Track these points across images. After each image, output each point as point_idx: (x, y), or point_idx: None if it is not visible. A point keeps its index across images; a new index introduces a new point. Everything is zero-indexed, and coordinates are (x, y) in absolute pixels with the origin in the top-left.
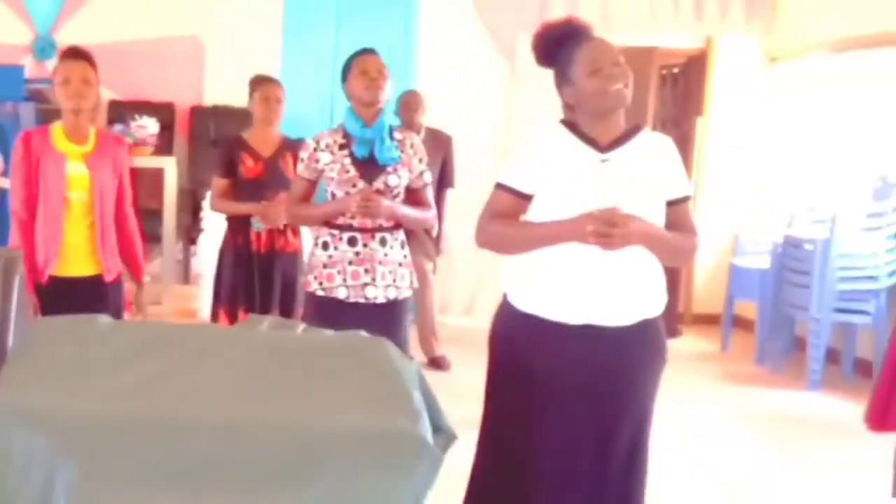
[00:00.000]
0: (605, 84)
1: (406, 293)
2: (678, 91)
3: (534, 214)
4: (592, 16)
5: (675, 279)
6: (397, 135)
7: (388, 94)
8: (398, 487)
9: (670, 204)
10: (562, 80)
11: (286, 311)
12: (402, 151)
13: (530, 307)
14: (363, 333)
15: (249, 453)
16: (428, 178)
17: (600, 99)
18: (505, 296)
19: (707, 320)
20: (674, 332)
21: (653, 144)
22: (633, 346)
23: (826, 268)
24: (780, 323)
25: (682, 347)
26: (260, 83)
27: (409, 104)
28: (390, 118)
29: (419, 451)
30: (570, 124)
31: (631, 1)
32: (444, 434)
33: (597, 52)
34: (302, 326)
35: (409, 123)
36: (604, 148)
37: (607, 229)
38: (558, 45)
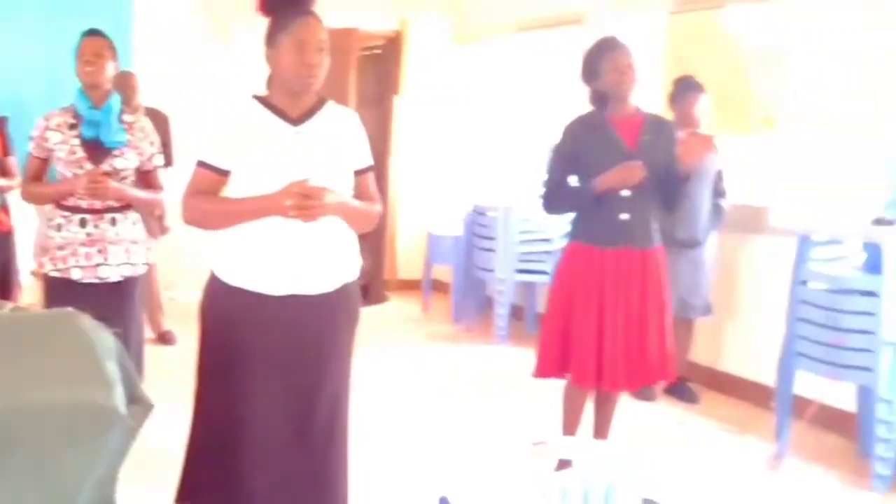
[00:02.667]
0: (302, 68)
1: (141, 269)
2: (378, 71)
3: (234, 189)
4: None
5: (380, 248)
6: (127, 118)
7: (112, 75)
8: (92, 456)
9: (356, 174)
10: (269, 40)
11: (4, 292)
12: (131, 134)
13: (237, 280)
14: (68, 310)
15: None
16: (159, 160)
17: (293, 79)
18: (212, 271)
19: (410, 286)
20: (382, 298)
21: (338, 117)
22: (333, 310)
23: (508, 232)
24: (472, 285)
25: (389, 312)
26: None
27: (122, 85)
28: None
29: (111, 421)
30: (261, 98)
31: None
32: (141, 404)
33: (307, 33)
34: (9, 306)
35: (127, 103)
36: (295, 120)
37: (305, 202)
38: (283, 4)
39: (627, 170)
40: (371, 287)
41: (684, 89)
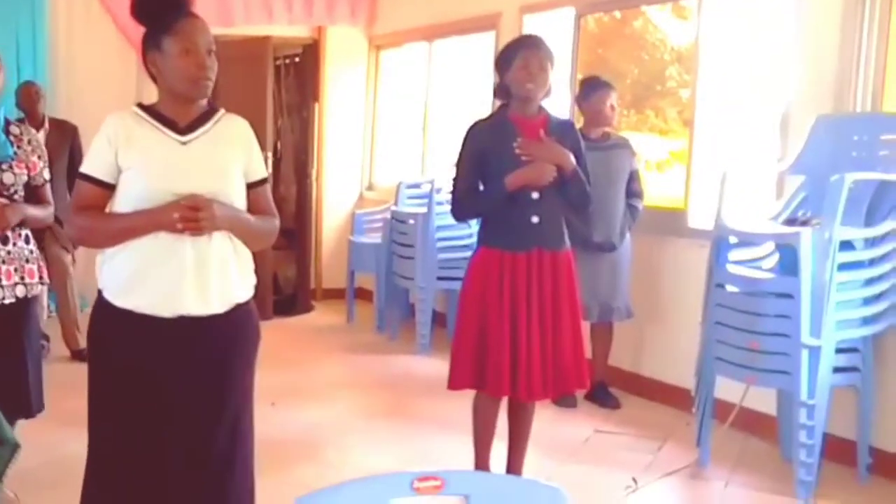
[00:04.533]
0: (197, 71)
1: (36, 289)
2: (298, 79)
3: (119, 204)
4: (209, 10)
5: (305, 257)
6: (14, 129)
7: None
8: None
9: (250, 187)
10: (152, 46)
11: None
12: (19, 147)
13: (123, 302)
14: None
15: None
16: (47, 174)
17: (188, 84)
18: (99, 291)
19: (335, 294)
20: (307, 308)
21: (231, 127)
22: (228, 331)
23: (427, 240)
24: (395, 293)
25: (314, 321)
26: None
27: (28, 95)
28: (11, 111)
29: None
30: (147, 108)
31: None
32: (5, 445)
33: (195, 33)
34: None
35: (31, 115)
36: (183, 130)
37: (193, 214)
38: (162, 6)
39: (538, 168)
40: (296, 297)
41: (592, 88)
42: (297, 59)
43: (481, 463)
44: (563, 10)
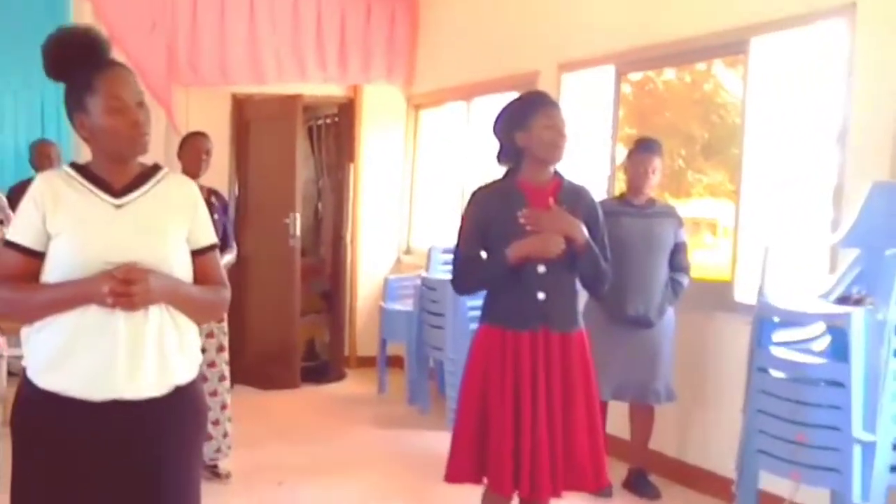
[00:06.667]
0: (130, 130)
1: None
2: (336, 139)
3: (48, 273)
4: (241, 65)
5: (339, 323)
6: None
7: None
8: None
9: (196, 254)
10: (76, 107)
11: None
12: None
13: (47, 383)
14: None
15: None
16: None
17: (123, 144)
18: (24, 369)
19: (370, 363)
20: (340, 377)
21: (174, 188)
22: (166, 417)
23: (458, 309)
24: (427, 364)
25: (344, 390)
26: None
27: (41, 153)
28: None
29: None
30: (80, 167)
31: (280, 52)
32: None
33: (120, 87)
34: None
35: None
36: (118, 192)
37: (125, 288)
38: (74, 61)
39: (544, 239)
40: (330, 364)
41: (633, 150)
42: (336, 119)
43: None
44: (603, 67)
